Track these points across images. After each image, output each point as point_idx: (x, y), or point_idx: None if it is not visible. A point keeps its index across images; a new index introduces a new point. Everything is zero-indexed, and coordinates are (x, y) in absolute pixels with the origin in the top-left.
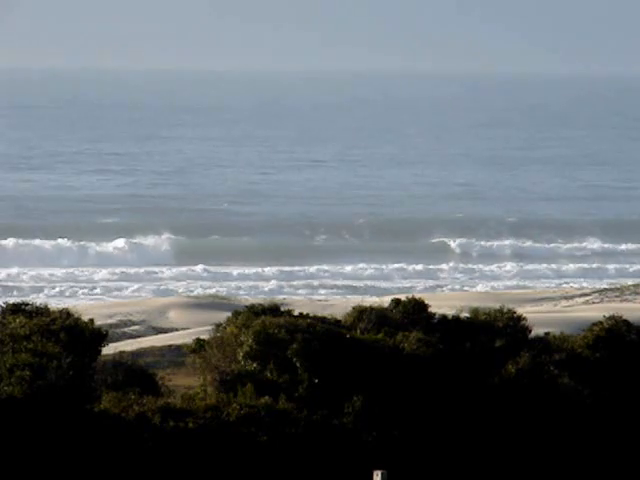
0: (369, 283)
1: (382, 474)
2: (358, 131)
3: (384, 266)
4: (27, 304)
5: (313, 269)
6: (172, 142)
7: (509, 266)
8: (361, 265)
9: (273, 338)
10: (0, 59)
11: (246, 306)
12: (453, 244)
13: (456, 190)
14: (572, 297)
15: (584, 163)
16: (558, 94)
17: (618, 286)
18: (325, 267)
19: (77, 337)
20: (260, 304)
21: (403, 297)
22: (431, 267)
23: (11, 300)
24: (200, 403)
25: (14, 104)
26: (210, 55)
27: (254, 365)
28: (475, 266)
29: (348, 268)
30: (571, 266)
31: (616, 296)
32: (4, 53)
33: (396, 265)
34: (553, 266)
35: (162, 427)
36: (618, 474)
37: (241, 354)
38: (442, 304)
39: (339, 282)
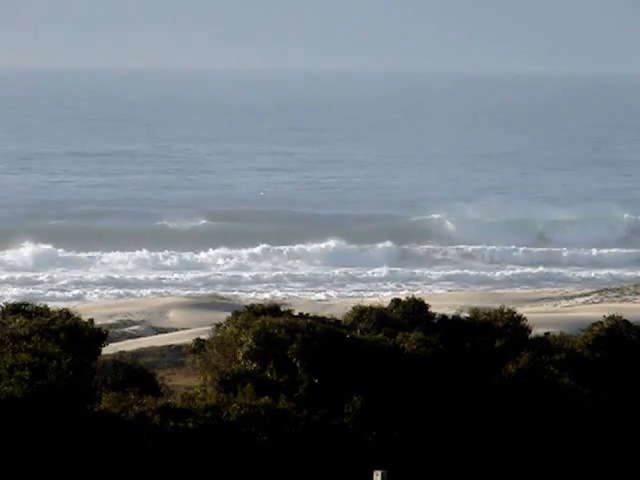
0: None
1: (382, 474)
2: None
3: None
4: (27, 304)
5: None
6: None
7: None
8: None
9: (273, 338)
10: (1, 59)
11: (246, 306)
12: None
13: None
14: (572, 297)
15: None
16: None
17: (618, 286)
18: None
19: (77, 337)
20: (260, 304)
21: (403, 297)
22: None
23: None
24: (200, 403)
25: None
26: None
27: (254, 365)
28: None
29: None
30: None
31: (616, 296)
32: (5, 53)
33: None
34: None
35: (162, 427)
36: (618, 474)
37: (241, 354)
38: (442, 304)
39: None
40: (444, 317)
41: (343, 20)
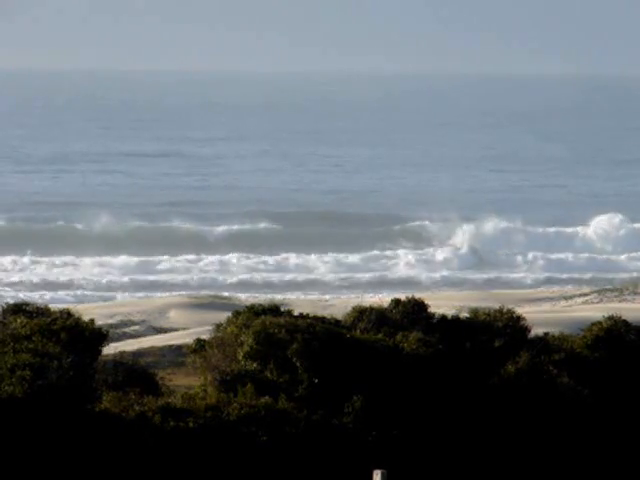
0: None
1: (382, 474)
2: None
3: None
4: (28, 304)
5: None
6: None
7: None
8: None
9: (273, 338)
10: (2, 60)
11: (246, 306)
12: None
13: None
14: (571, 297)
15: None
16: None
17: (618, 286)
18: None
19: (78, 337)
20: (260, 304)
21: (403, 297)
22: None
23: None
24: (200, 403)
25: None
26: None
27: (254, 365)
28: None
29: None
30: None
31: (615, 296)
32: (4, 54)
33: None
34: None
35: (162, 427)
36: (618, 474)
37: (241, 354)
38: (442, 304)
39: None
40: (444, 317)
41: (358, 20)
